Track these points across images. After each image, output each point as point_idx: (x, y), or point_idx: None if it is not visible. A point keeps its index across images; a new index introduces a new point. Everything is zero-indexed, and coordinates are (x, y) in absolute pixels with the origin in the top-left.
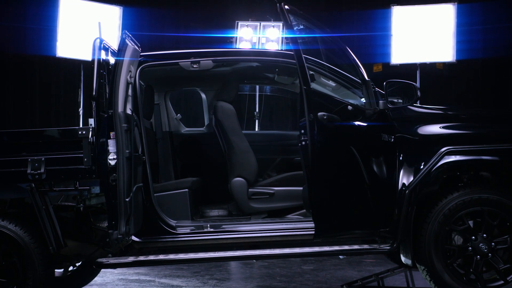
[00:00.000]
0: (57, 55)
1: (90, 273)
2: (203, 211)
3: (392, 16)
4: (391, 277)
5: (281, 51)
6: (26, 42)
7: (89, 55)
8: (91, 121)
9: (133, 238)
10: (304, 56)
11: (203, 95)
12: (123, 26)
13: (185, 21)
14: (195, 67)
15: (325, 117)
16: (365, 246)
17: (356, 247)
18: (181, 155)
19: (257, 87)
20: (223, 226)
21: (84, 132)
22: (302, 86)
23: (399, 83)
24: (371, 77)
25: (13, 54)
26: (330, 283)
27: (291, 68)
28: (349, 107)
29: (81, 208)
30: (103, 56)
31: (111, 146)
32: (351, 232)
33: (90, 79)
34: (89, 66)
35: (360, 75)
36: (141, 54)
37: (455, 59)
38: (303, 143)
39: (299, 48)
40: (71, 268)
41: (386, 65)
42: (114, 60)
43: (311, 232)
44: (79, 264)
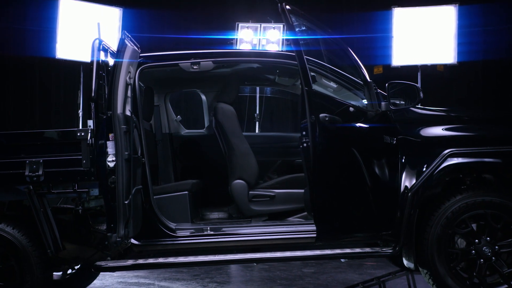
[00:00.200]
0: (56, 57)
1: (89, 276)
2: (203, 214)
3: (393, 17)
4: (393, 280)
5: (282, 52)
6: (26, 43)
7: (89, 57)
8: (90, 123)
9: (132, 241)
10: (305, 57)
11: (203, 97)
12: (123, 27)
13: (185, 23)
14: (195, 68)
15: (327, 119)
16: (367, 249)
17: (358, 250)
18: (181, 157)
19: (258, 88)
20: (223, 229)
21: (82, 133)
22: (303, 87)
23: (401, 85)
24: (371, 79)
25: (13, 55)
26: (331, 286)
27: (292, 69)
28: (351, 109)
29: (80, 210)
30: (102, 57)
31: (110, 148)
32: (353, 235)
33: (89, 81)
34: (88, 67)
35: (362, 76)
36: (141, 55)
37: (456, 61)
38: (305, 145)
39: (300, 49)
40: (70, 271)
41: (387, 67)
42: (113, 61)
43: (313, 235)
44: (78, 267)
